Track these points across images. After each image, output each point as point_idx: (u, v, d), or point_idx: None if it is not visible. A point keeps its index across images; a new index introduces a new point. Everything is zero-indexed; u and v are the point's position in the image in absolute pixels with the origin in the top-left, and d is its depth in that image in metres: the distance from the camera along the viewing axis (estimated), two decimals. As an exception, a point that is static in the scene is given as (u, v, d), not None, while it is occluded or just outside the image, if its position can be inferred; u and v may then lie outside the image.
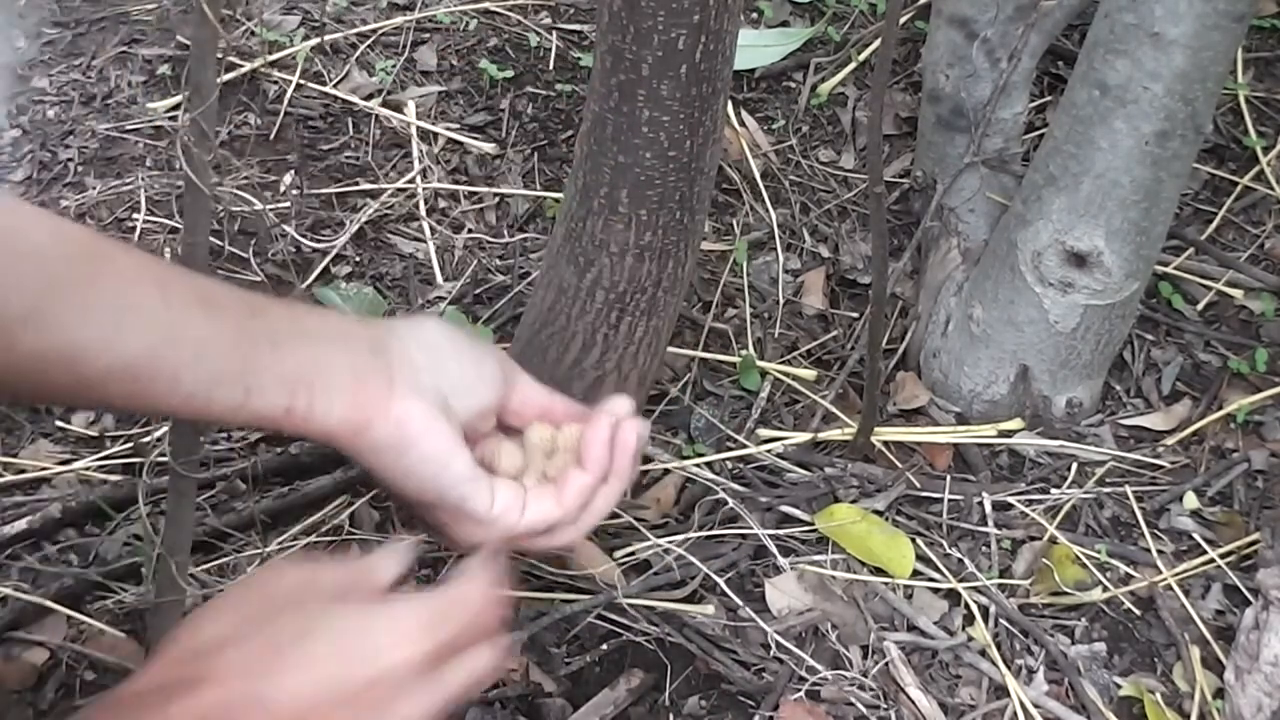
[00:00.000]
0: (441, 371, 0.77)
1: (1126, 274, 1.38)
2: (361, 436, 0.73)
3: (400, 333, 0.77)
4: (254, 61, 1.80)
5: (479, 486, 0.77)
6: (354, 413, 0.72)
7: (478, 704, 1.16)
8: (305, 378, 0.70)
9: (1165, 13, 1.22)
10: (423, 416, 0.74)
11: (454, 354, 0.79)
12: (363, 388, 0.72)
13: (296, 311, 0.74)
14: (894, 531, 1.34)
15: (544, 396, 0.86)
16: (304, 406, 0.70)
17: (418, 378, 0.75)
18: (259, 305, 0.72)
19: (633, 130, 1.12)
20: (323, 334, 0.73)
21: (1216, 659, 1.25)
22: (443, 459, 0.75)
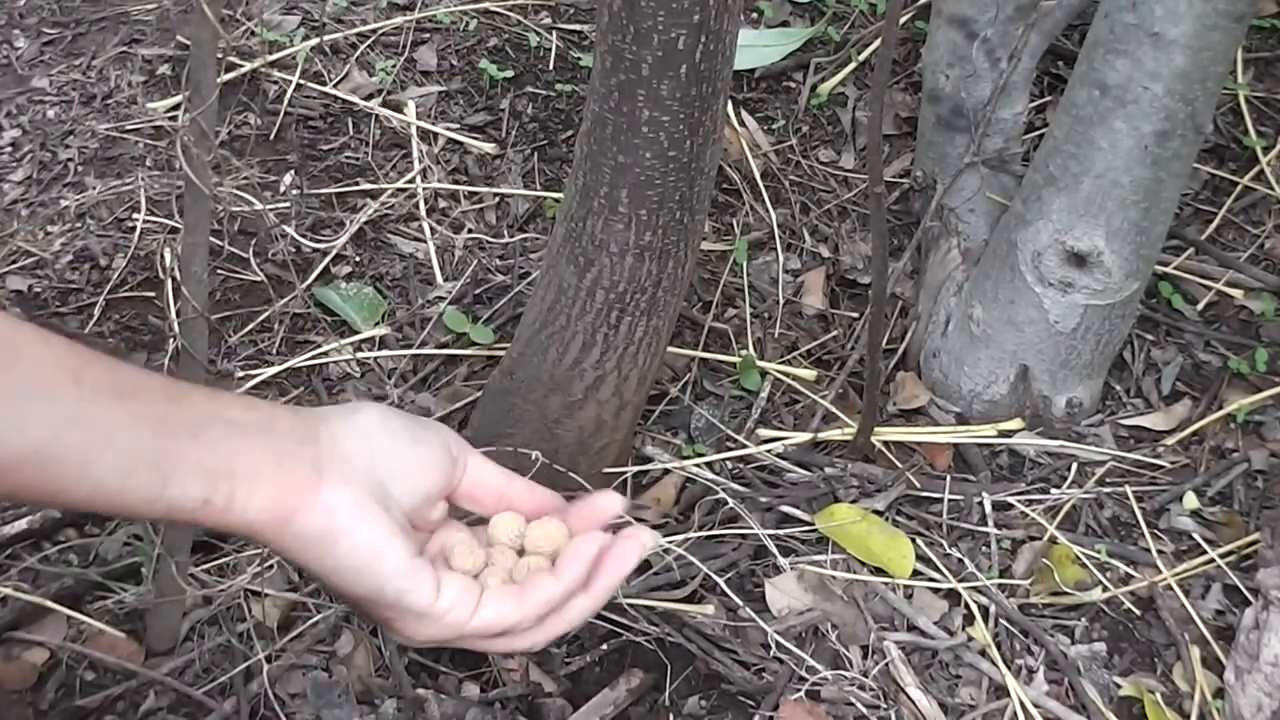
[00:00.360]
0: (377, 458, 0.73)
1: (1126, 274, 1.38)
2: (286, 528, 0.69)
3: (331, 420, 0.73)
4: (254, 61, 1.80)
5: (419, 579, 0.72)
6: (277, 503, 0.69)
7: (478, 704, 1.16)
8: (225, 467, 0.68)
9: (1165, 13, 1.22)
10: (352, 505, 0.70)
11: (390, 438, 0.74)
12: (287, 477, 0.69)
13: (221, 399, 0.70)
14: (894, 531, 1.34)
15: (501, 478, 0.80)
16: (224, 497, 0.67)
17: (348, 465, 0.71)
18: (180, 393, 0.69)
19: (633, 130, 1.12)
20: (247, 423, 0.70)
21: (1216, 659, 1.25)
22: (375, 550, 0.70)
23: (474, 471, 0.79)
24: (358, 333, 1.52)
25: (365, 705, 1.16)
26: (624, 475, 1.38)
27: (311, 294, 1.55)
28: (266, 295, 1.55)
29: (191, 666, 1.17)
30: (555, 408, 1.29)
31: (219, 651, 1.18)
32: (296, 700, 1.16)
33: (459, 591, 0.73)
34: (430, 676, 1.20)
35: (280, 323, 1.52)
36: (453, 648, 1.20)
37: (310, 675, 1.17)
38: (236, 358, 1.48)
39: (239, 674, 1.15)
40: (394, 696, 1.16)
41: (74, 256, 1.58)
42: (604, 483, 1.35)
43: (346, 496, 0.70)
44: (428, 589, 0.72)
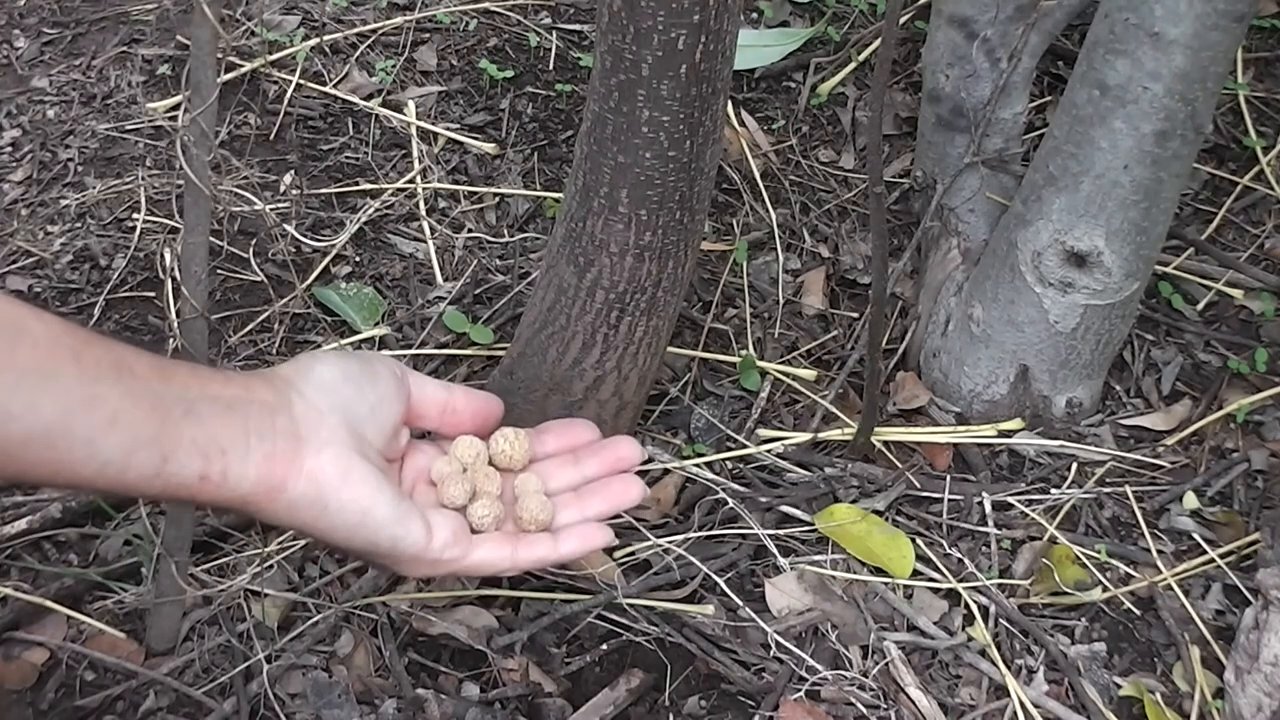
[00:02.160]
0: (347, 408, 0.76)
1: (1126, 274, 1.38)
2: (278, 498, 0.73)
3: (298, 383, 0.76)
4: (254, 61, 1.80)
5: (410, 525, 0.76)
6: (267, 475, 0.72)
7: (478, 704, 1.16)
8: (217, 444, 0.71)
9: (1165, 13, 1.22)
10: (335, 466, 0.74)
11: (351, 384, 0.78)
12: (272, 449, 0.72)
13: (201, 375, 0.74)
14: (894, 531, 1.34)
15: (442, 392, 0.85)
16: (218, 473, 0.71)
17: (324, 425, 0.75)
18: (168, 370, 0.72)
19: (633, 130, 1.12)
20: (229, 399, 0.73)
21: (1216, 659, 1.25)
22: (364, 505, 0.74)
23: (417, 391, 0.83)
24: (358, 333, 1.52)
25: (365, 705, 1.16)
26: (624, 475, 1.38)
27: (311, 294, 1.55)
28: (266, 295, 1.55)
29: (191, 666, 1.17)
30: (555, 408, 1.29)
31: (219, 651, 1.18)
32: (296, 700, 1.16)
33: (450, 534, 0.78)
34: (430, 676, 1.20)
35: (280, 323, 1.52)
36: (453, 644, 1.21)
37: (310, 675, 1.17)
38: (236, 358, 1.48)
39: (239, 674, 1.16)
40: (394, 696, 1.16)
41: (74, 256, 1.58)
42: (604, 483, 1.35)
43: (329, 459, 0.74)
44: (419, 532, 0.76)
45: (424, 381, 0.84)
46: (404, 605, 1.23)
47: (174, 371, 0.72)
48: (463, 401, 0.84)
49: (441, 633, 1.21)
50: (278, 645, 1.18)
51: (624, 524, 1.30)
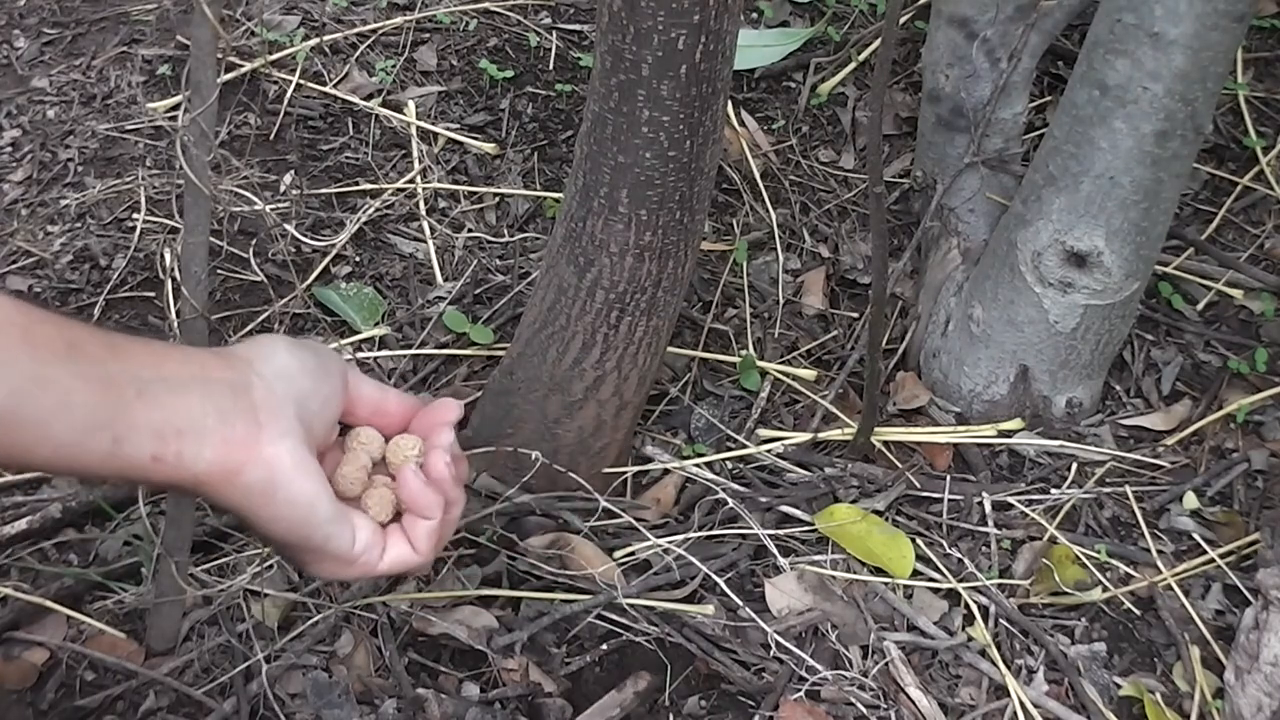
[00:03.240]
0: (302, 400, 0.76)
1: (1126, 274, 1.38)
2: (231, 483, 0.72)
3: (257, 365, 0.76)
4: (254, 61, 1.80)
5: (343, 527, 0.77)
6: (223, 459, 0.72)
7: (478, 704, 1.16)
8: (172, 426, 0.70)
9: (1165, 13, 1.22)
10: (291, 457, 0.73)
11: (308, 376, 0.78)
12: (230, 433, 0.72)
13: (157, 353, 0.73)
14: (894, 531, 1.34)
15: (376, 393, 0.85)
16: (173, 455, 0.70)
17: (282, 411, 0.74)
18: (120, 347, 0.71)
19: (633, 130, 1.12)
20: (185, 379, 0.72)
21: (1216, 659, 1.25)
22: (310, 499, 0.74)
23: (354, 388, 0.83)
24: (358, 333, 1.52)
25: (365, 705, 1.16)
26: (624, 475, 1.38)
27: (311, 294, 1.55)
28: (266, 295, 1.55)
29: (191, 666, 1.17)
30: (555, 408, 1.29)
31: (219, 651, 1.18)
32: (296, 700, 1.16)
33: (369, 536, 0.79)
34: (430, 676, 1.20)
35: (280, 323, 1.52)
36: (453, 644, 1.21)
37: (310, 675, 1.17)
38: (236, 358, 1.48)
39: (239, 674, 1.15)
40: (394, 696, 1.16)
41: (74, 256, 1.58)
42: (604, 483, 1.35)
43: (286, 449, 0.73)
44: (349, 535, 0.77)
45: (361, 380, 0.84)
46: (404, 605, 1.23)
47: (128, 350, 0.71)
48: (395, 405, 0.84)
49: (441, 633, 1.21)
50: (278, 645, 1.18)
51: (624, 524, 1.31)
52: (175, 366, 0.72)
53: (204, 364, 0.74)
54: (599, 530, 1.31)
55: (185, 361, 0.73)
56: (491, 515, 1.29)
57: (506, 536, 1.29)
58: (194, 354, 0.75)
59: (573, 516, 1.32)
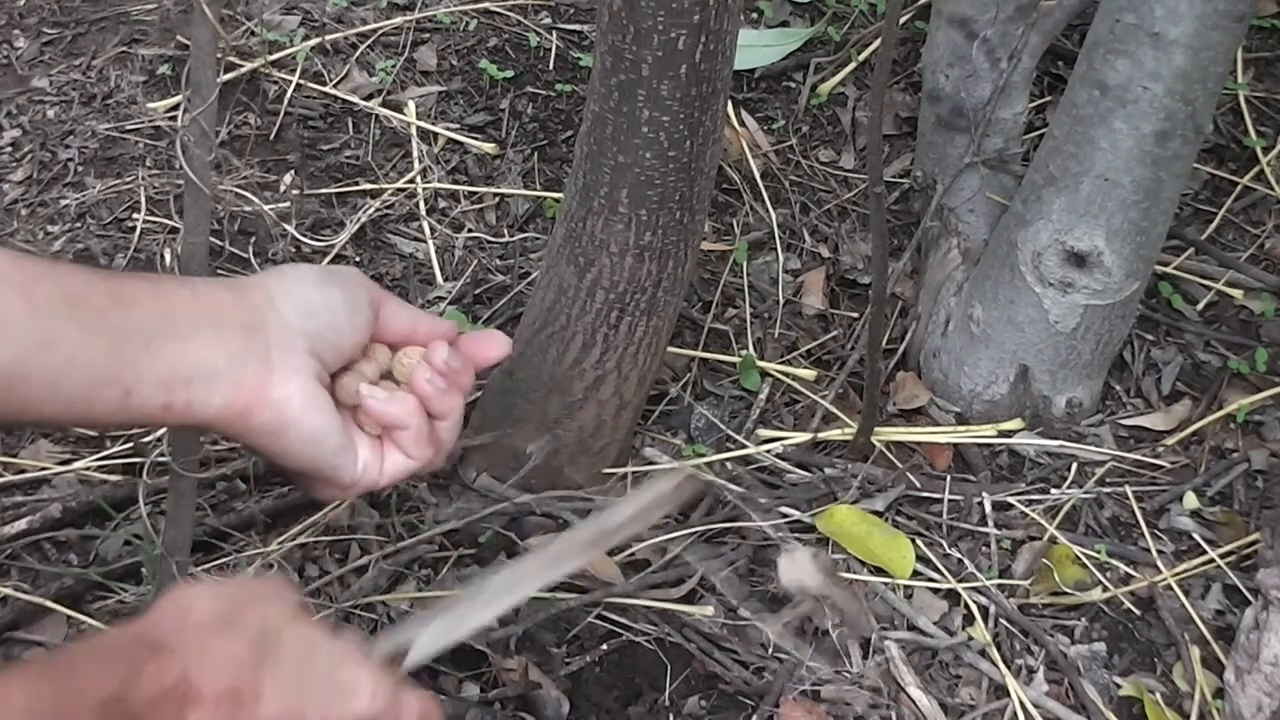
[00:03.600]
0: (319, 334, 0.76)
1: (1126, 274, 1.38)
2: (242, 423, 0.72)
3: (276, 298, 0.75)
4: (254, 61, 1.80)
5: (351, 455, 0.77)
6: (234, 401, 0.71)
7: (478, 704, 1.16)
8: (182, 373, 0.70)
9: (1165, 13, 1.22)
10: (302, 395, 0.73)
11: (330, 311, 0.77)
12: (241, 374, 0.72)
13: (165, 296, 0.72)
14: (894, 532, 1.34)
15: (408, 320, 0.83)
16: (183, 402, 0.70)
17: (295, 347, 0.74)
18: (126, 295, 0.70)
19: (633, 130, 1.12)
20: (195, 322, 0.71)
21: (1216, 659, 1.25)
22: (320, 437, 0.75)
23: (386, 316, 0.82)
24: (358, 333, 1.52)
25: (365, 705, 1.16)
26: (624, 475, 1.38)
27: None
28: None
29: (191, 666, 1.17)
30: (555, 408, 1.29)
31: (219, 651, 1.18)
32: (296, 700, 1.15)
33: (368, 454, 0.79)
34: (430, 676, 1.20)
35: (280, 323, 1.52)
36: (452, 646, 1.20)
37: (310, 675, 1.17)
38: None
39: (239, 674, 1.15)
40: (394, 696, 1.16)
41: (74, 256, 1.58)
42: (604, 483, 1.35)
43: (296, 389, 0.73)
44: (355, 461, 0.78)
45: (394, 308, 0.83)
46: (404, 605, 1.23)
47: (134, 295, 0.70)
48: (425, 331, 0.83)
49: (441, 633, 1.21)
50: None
51: (624, 524, 1.30)
52: (184, 309, 0.71)
53: (217, 302, 0.73)
54: (599, 530, 1.31)
55: (195, 301, 0.72)
56: (492, 515, 1.29)
57: (507, 536, 1.29)
58: (205, 291, 0.74)
59: (573, 516, 1.32)
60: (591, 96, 1.15)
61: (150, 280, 0.73)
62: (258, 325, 0.73)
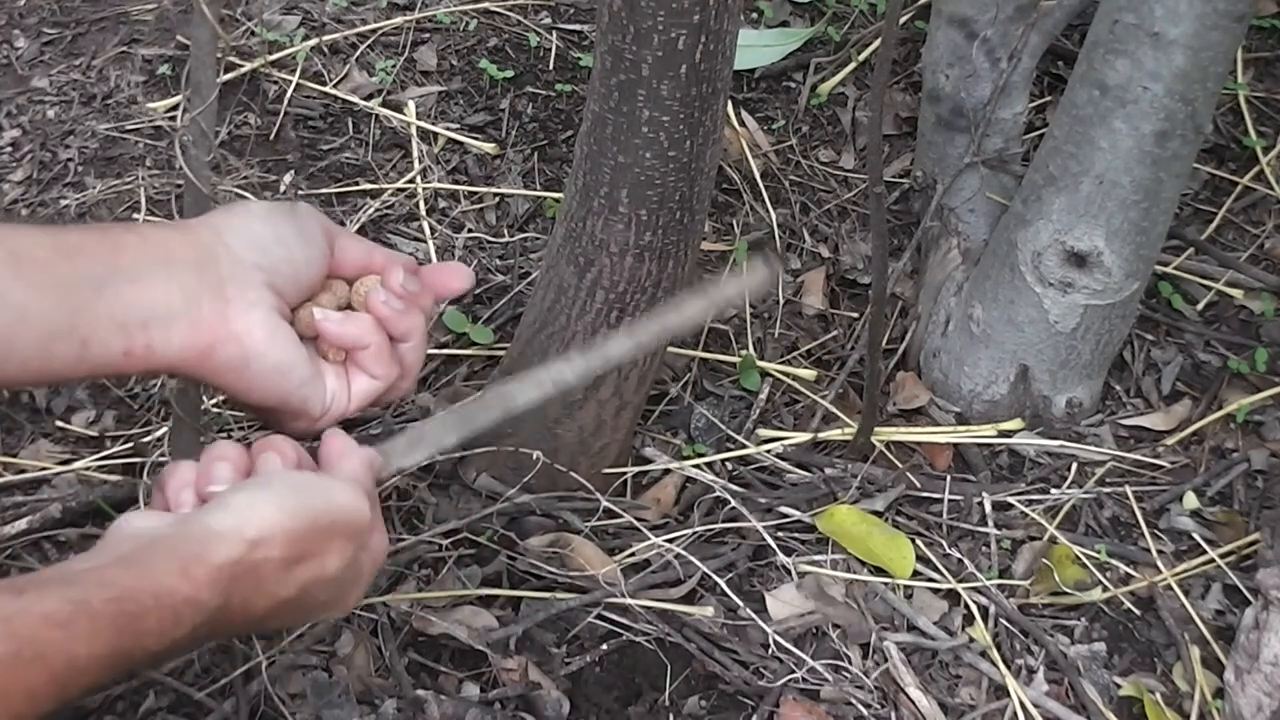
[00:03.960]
0: (274, 267, 0.75)
1: (1126, 274, 1.38)
2: (204, 363, 0.72)
3: (226, 234, 0.74)
4: (254, 61, 1.80)
5: (317, 386, 0.77)
6: (194, 340, 0.71)
7: (478, 704, 1.16)
8: (138, 316, 0.69)
9: (1165, 13, 1.22)
10: (263, 328, 0.73)
11: (283, 244, 0.76)
12: (198, 312, 0.71)
13: (111, 242, 0.71)
14: (894, 532, 1.34)
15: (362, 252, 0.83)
16: (142, 346, 0.70)
17: (250, 281, 0.73)
18: (72, 246, 0.69)
19: (633, 130, 1.12)
20: (145, 265, 0.71)
21: (1216, 659, 1.25)
22: (284, 368, 0.75)
23: (341, 249, 0.82)
24: (358, 333, 1.52)
25: (365, 705, 1.16)
26: (624, 475, 1.38)
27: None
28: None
29: (191, 666, 1.17)
30: (555, 408, 1.29)
31: (219, 651, 1.18)
32: (296, 700, 1.16)
33: (334, 382, 0.79)
34: (430, 676, 1.20)
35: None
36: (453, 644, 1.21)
37: (310, 675, 1.17)
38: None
39: (239, 674, 1.15)
40: (394, 696, 1.16)
41: (74, 256, 1.58)
42: (604, 483, 1.35)
43: (256, 322, 0.73)
44: (322, 392, 0.78)
45: (350, 241, 0.83)
46: (404, 605, 1.23)
47: (81, 246, 0.69)
48: (382, 261, 0.83)
49: (441, 633, 1.21)
50: (278, 645, 1.18)
51: (624, 524, 1.31)
52: (133, 254, 0.71)
53: (165, 243, 0.72)
54: (599, 530, 1.31)
55: (144, 244, 0.72)
56: (492, 515, 1.29)
57: (506, 536, 1.30)
58: (154, 234, 0.73)
59: (573, 516, 1.32)
60: (591, 96, 1.15)
61: (97, 229, 0.73)
62: (209, 261, 0.73)
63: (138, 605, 0.63)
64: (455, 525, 1.29)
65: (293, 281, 0.77)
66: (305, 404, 0.77)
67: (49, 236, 0.69)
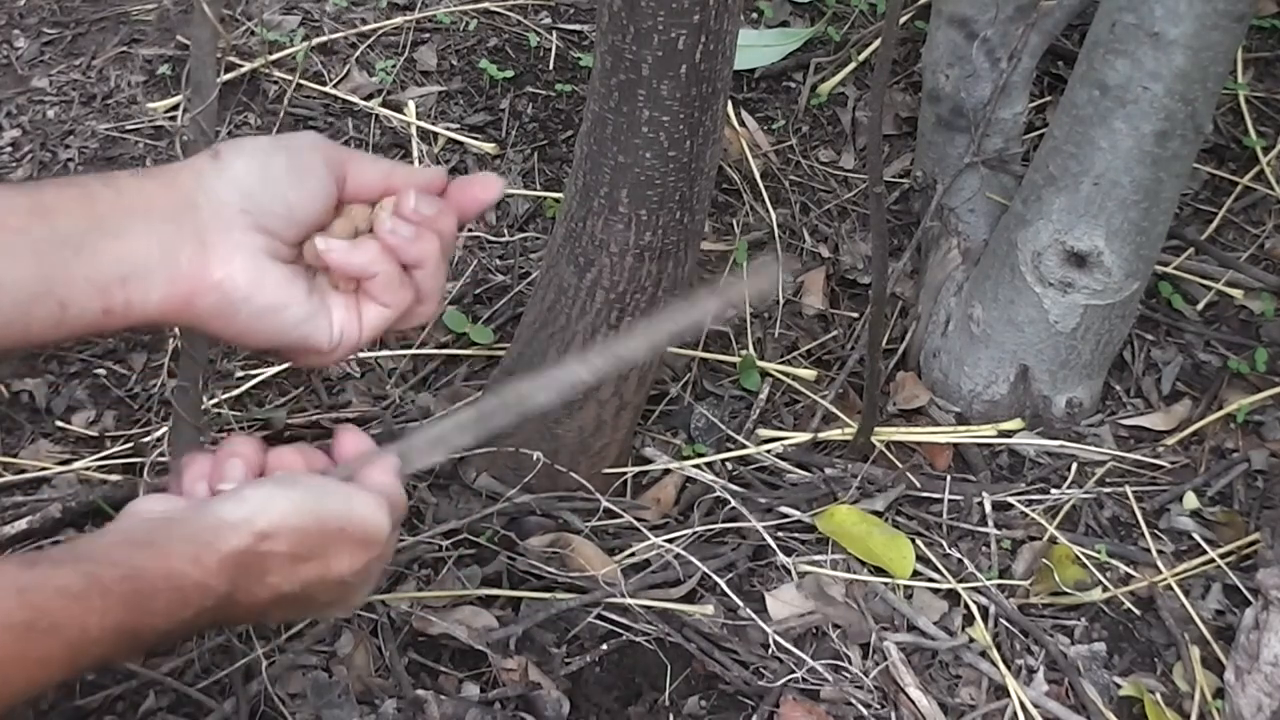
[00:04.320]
0: (261, 207, 0.72)
1: (1126, 274, 1.38)
2: (187, 312, 0.70)
3: (207, 179, 0.72)
4: (254, 61, 1.80)
5: (319, 323, 0.74)
6: (172, 293, 0.69)
7: (478, 704, 1.16)
8: (117, 273, 0.68)
9: (1165, 13, 1.22)
10: (246, 272, 0.71)
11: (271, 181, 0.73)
12: (175, 263, 0.69)
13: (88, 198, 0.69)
14: (894, 532, 1.34)
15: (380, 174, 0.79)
16: (121, 303, 0.68)
17: (233, 225, 0.71)
18: (50, 208, 0.68)
19: (633, 130, 1.12)
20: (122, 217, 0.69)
21: (1216, 659, 1.25)
22: (276, 309, 0.72)
23: (355, 175, 0.78)
24: (358, 333, 1.52)
25: (365, 705, 1.16)
26: (624, 475, 1.38)
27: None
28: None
29: (191, 666, 1.17)
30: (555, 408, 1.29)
31: (219, 651, 1.18)
32: (296, 700, 1.16)
33: (344, 316, 0.76)
34: (430, 676, 1.20)
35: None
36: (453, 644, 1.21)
37: (310, 675, 1.17)
38: (236, 358, 1.48)
39: (239, 674, 1.15)
40: (394, 696, 1.16)
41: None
42: (604, 483, 1.35)
43: (238, 267, 0.71)
44: (326, 327, 0.75)
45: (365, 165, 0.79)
46: (404, 605, 1.23)
47: (56, 205, 0.68)
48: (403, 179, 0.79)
49: (441, 633, 1.21)
50: (278, 645, 1.18)
51: (624, 524, 1.31)
52: (108, 207, 0.69)
53: (143, 194, 0.71)
54: (599, 530, 1.31)
55: (120, 196, 0.70)
56: (492, 515, 1.29)
57: (506, 536, 1.30)
58: (130, 184, 0.71)
59: (573, 516, 1.32)
60: (591, 96, 1.15)
61: (74, 184, 0.70)
62: (187, 209, 0.71)
63: (149, 585, 0.63)
64: (455, 525, 1.29)
65: (287, 220, 0.74)
66: (307, 340, 0.74)
67: (25, 198, 0.68)
